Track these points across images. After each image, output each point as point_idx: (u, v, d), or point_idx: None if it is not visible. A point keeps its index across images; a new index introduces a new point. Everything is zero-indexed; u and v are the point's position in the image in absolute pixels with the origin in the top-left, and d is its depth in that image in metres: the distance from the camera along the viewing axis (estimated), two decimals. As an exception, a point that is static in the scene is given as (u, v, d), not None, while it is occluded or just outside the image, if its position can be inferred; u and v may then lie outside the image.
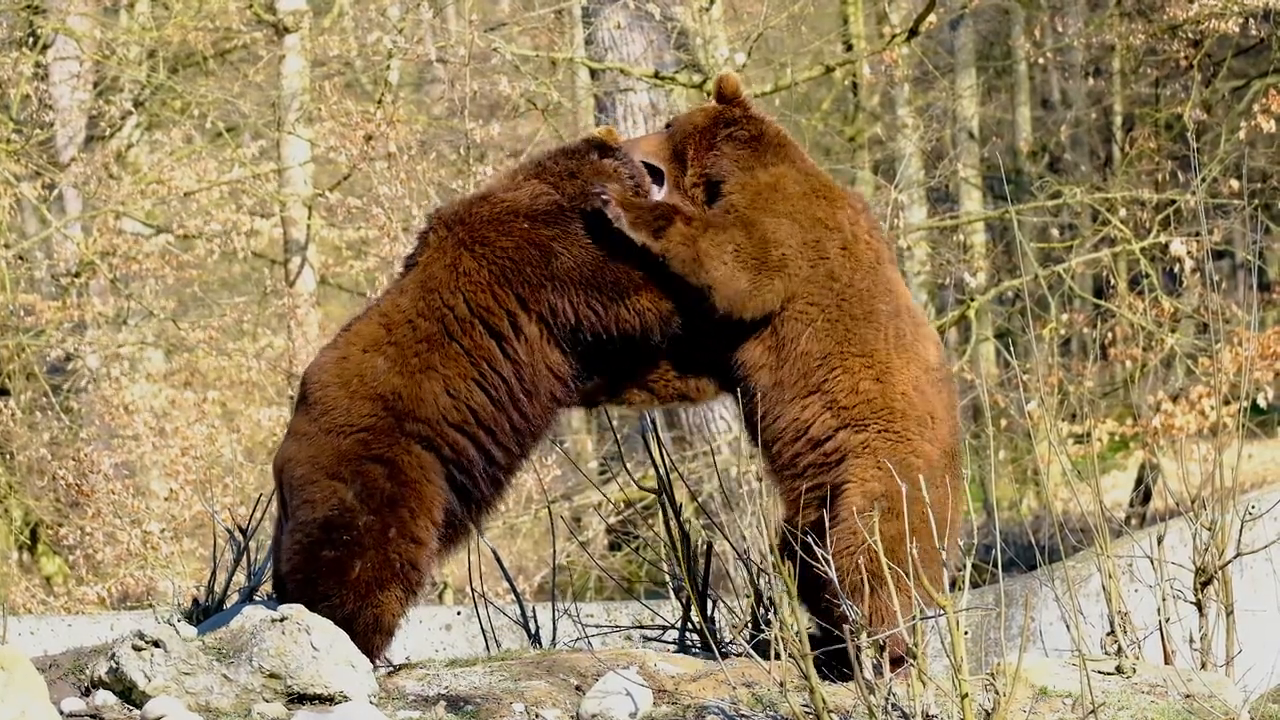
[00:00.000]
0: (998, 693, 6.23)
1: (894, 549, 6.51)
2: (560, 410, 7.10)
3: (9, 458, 19.24)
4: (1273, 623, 8.90)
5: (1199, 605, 7.60)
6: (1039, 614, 9.63)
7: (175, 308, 20.54)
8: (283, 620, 6.58)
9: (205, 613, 7.69)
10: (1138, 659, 7.28)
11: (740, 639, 7.57)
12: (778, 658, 6.51)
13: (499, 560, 8.65)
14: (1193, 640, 7.55)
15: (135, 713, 6.47)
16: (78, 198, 20.35)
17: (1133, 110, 24.65)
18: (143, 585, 17.13)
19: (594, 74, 18.96)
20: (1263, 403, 19.12)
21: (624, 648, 7.77)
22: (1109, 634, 7.34)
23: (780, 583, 6.48)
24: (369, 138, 18.73)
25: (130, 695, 6.53)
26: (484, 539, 8.09)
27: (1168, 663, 7.46)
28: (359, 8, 21.99)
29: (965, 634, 6.39)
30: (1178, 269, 18.78)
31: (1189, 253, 18.34)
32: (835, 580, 6.56)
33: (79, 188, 19.97)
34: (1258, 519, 8.06)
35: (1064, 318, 21.07)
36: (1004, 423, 20.21)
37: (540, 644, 8.34)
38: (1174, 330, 18.90)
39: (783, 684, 6.52)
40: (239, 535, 8.01)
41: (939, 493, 6.72)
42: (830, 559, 6.58)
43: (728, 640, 7.82)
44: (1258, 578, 9.37)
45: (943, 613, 6.17)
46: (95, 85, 20.80)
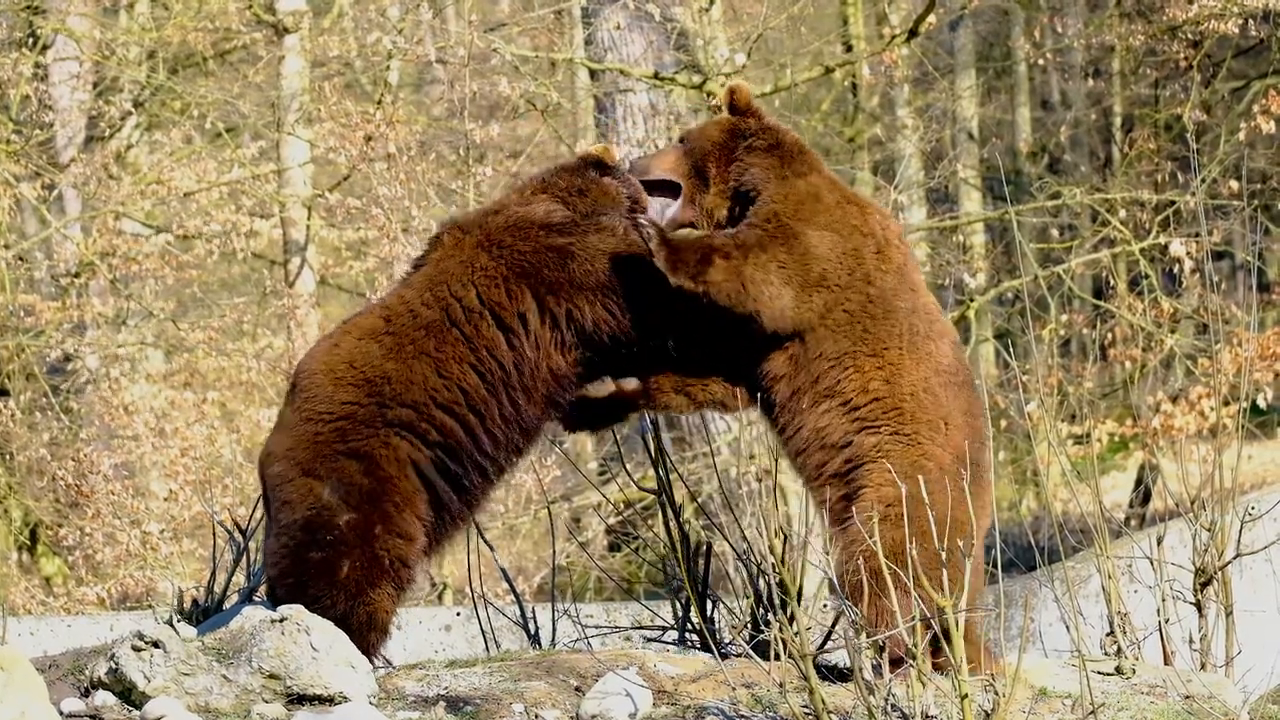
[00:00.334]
0: (997, 693, 6.23)
1: (899, 553, 6.52)
2: (552, 417, 7.09)
3: (9, 458, 19.23)
4: (1272, 623, 8.91)
5: (1198, 606, 7.61)
6: (1039, 615, 9.62)
7: (175, 308, 20.52)
8: (282, 621, 6.57)
9: (205, 613, 7.67)
10: (1137, 660, 7.29)
11: (740, 640, 7.57)
12: (777, 658, 6.52)
13: (498, 561, 8.65)
14: (1192, 641, 7.56)
15: (135, 713, 6.47)
16: (77, 198, 20.34)
17: (1132, 111, 24.63)
18: (142, 586, 17.13)
19: (593, 75, 18.97)
20: (1262, 403, 19.12)
21: (623, 648, 7.76)
22: (1109, 635, 7.35)
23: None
24: (369, 138, 18.73)
25: (130, 696, 6.52)
26: (484, 540, 8.11)
27: (1167, 663, 7.46)
28: (359, 8, 21.98)
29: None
30: (1177, 270, 18.78)
31: (1189, 253, 18.34)
32: (836, 581, 6.59)
33: (79, 188, 19.96)
34: (1257, 520, 8.08)
35: (1063, 318, 21.04)
36: (1004, 423, 20.18)
37: (540, 645, 8.34)
38: (1173, 331, 18.90)
39: (782, 685, 6.52)
40: (238, 536, 8.00)
41: (950, 496, 6.72)
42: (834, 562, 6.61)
43: (727, 641, 7.82)
44: (1257, 578, 9.37)
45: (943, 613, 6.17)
46: (95, 86, 20.78)
